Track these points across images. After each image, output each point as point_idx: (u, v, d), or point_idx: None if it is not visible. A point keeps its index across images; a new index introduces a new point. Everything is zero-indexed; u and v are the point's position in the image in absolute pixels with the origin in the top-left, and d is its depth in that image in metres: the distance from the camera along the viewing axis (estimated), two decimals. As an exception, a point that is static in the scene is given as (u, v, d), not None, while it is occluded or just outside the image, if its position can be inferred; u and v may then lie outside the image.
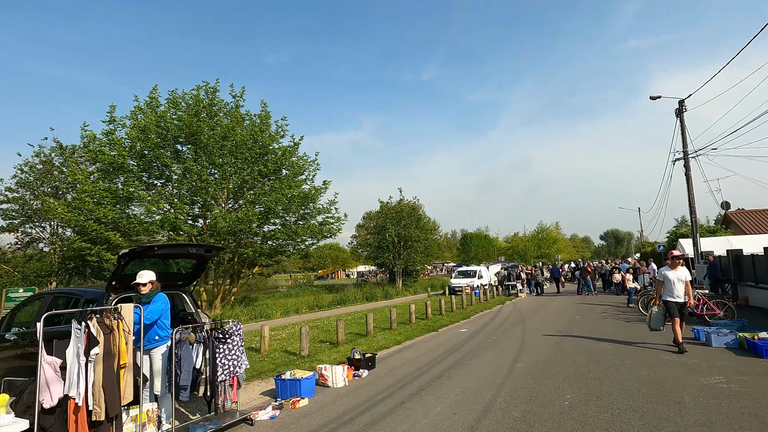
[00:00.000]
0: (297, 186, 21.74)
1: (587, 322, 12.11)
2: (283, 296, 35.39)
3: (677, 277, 8.03)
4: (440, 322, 13.54)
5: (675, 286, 7.99)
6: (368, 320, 10.92)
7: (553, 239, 70.00)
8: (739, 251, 15.94)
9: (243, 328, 5.59)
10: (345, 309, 21.01)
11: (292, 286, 60.45)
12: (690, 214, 20.20)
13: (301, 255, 23.03)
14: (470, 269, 28.45)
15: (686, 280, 8.04)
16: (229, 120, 20.55)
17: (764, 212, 31.79)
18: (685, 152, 20.22)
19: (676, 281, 8.00)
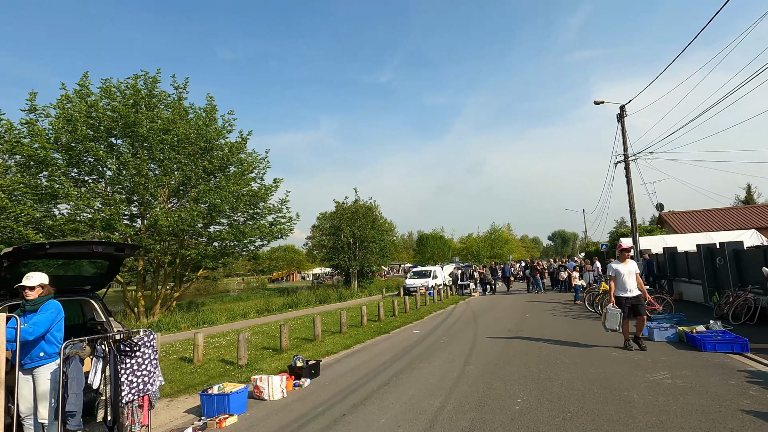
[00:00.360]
0: (245, 184, 20.66)
1: (537, 320, 12.19)
2: (233, 300, 33.77)
3: (628, 270, 7.80)
4: (393, 323, 13.17)
5: (626, 280, 7.74)
6: (316, 324, 10.31)
7: (505, 240, 72.27)
8: (674, 249, 16.88)
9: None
10: (296, 312, 20.18)
11: (244, 289, 58.16)
12: (630, 214, 21.18)
13: (249, 257, 21.89)
14: (425, 269, 28.45)
15: (636, 272, 7.86)
16: (171, 112, 19.14)
17: (693, 213, 34.30)
18: (626, 155, 21.19)
19: (627, 275, 7.77)
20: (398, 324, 13.08)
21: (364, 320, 12.71)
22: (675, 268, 16.35)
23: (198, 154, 19.59)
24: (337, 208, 36.97)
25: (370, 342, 10.27)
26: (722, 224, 30.36)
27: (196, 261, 19.75)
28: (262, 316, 20.01)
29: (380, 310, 13.94)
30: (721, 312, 10.45)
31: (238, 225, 20.23)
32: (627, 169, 21.21)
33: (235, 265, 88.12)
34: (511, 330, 10.38)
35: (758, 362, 6.21)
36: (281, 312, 21.19)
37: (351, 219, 35.80)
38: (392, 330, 12.01)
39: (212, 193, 18.42)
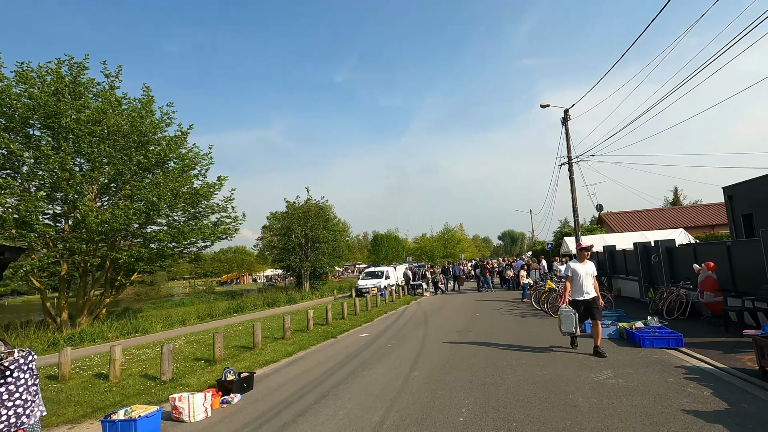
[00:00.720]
0: (186, 181, 19.28)
1: (486, 319, 12.16)
2: (175, 305, 31.71)
3: (586, 271, 7.20)
4: (341, 327, 12.66)
5: (583, 282, 7.15)
6: (255, 331, 9.58)
7: (458, 239, 73.75)
8: (612, 247, 17.66)
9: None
10: (241, 317, 19.10)
11: (189, 293, 55.11)
12: (573, 214, 22.01)
13: (190, 259, 20.45)
14: (377, 270, 28.13)
15: (593, 274, 7.34)
16: (101, 102, 17.43)
17: (629, 213, 36.57)
18: (569, 157, 21.99)
19: (585, 276, 7.16)
20: (347, 327, 12.58)
21: (310, 324, 12.09)
22: (614, 266, 17.10)
23: (132, 148, 18.02)
24: (288, 207, 35.84)
25: (315, 348, 9.71)
26: (654, 224, 32.58)
27: (129, 264, 18.12)
28: (203, 322, 18.75)
29: (328, 314, 13.38)
30: (656, 307, 10.89)
31: (177, 225, 18.84)
32: (570, 171, 22.02)
33: (181, 268, 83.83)
34: (460, 331, 10.21)
35: (692, 357, 6.35)
36: (225, 317, 20.01)
37: (302, 219, 34.82)
38: (340, 334, 11.50)
39: (148, 190, 16.98)
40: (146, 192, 16.61)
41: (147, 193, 16.62)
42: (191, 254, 20.59)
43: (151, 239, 18.08)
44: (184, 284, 77.03)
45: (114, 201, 17.60)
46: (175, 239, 18.15)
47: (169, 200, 17.85)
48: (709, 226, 32.41)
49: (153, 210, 17.09)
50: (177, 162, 20.05)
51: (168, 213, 19.04)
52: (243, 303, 23.02)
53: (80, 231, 16.23)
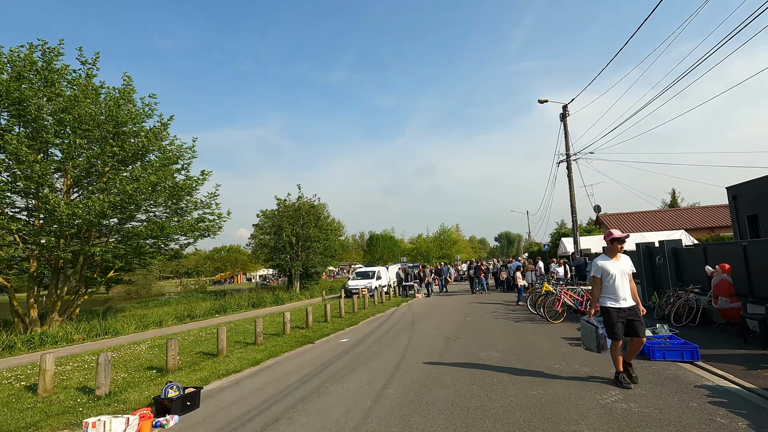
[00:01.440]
0: (166, 174, 18.24)
1: (478, 323, 11.25)
2: (161, 305, 30.66)
3: (621, 269, 5.28)
4: (322, 330, 11.71)
5: (618, 284, 5.22)
6: (220, 336, 8.61)
7: (454, 240, 73.01)
8: (613, 248, 16.78)
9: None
10: (221, 319, 18.12)
11: (180, 292, 54.00)
12: (571, 213, 21.15)
13: (169, 255, 19.41)
14: (369, 270, 27.19)
15: (630, 272, 5.40)
16: (75, 90, 16.41)
17: (627, 215, 35.84)
18: (568, 154, 21.16)
19: (620, 276, 5.24)
20: (328, 331, 11.64)
21: (287, 328, 11.13)
22: (614, 268, 16.23)
23: (107, 139, 17.03)
24: (279, 205, 34.87)
25: (287, 355, 8.75)
26: (654, 225, 31.83)
27: (105, 261, 17.09)
28: (181, 323, 17.77)
29: (309, 316, 12.41)
30: (662, 313, 10.01)
31: (156, 220, 17.84)
32: (569, 168, 21.19)
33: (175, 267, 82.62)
34: (448, 338, 9.28)
35: (712, 373, 5.46)
36: (205, 318, 19.02)
37: (294, 217, 33.87)
38: (319, 339, 10.55)
39: (126, 182, 15.95)
40: (122, 184, 15.59)
41: (123, 185, 15.61)
42: (171, 251, 19.56)
43: (129, 235, 17.04)
44: (176, 283, 75.99)
45: (87, 194, 16.56)
46: (154, 235, 17.12)
47: (147, 194, 16.87)
48: (710, 228, 31.69)
49: (130, 203, 16.07)
50: (158, 155, 19.09)
51: (147, 208, 18.03)
52: (226, 303, 22.00)
53: (50, 225, 15.19)
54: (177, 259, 20.15)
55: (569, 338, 8.41)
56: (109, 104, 17.30)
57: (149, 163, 18.17)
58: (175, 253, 19.57)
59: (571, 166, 21.13)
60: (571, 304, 10.81)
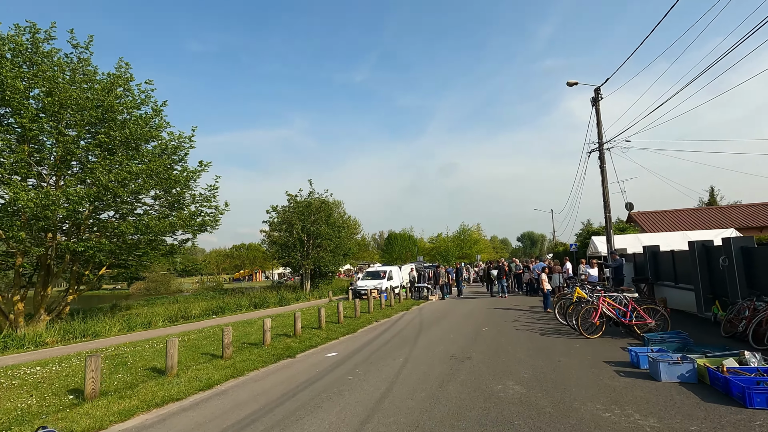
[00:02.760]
0: (156, 164, 16.91)
1: (494, 337, 9.31)
2: (170, 303, 29.74)
3: None
4: (311, 340, 10.01)
5: None
6: (169, 350, 6.97)
7: (474, 240, 70.45)
8: (656, 248, 14.47)
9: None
10: (215, 320, 16.67)
11: (198, 290, 53.63)
12: (604, 209, 18.87)
13: (163, 252, 18.08)
14: (380, 270, 25.38)
15: None
16: (57, 71, 15.24)
17: (662, 213, 32.93)
18: (601, 142, 18.92)
19: None
20: (318, 341, 9.93)
21: (267, 337, 9.45)
22: (657, 270, 13.94)
23: (93, 125, 15.84)
24: (290, 201, 33.48)
25: (253, 375, 7.07)
26: (693, 224, 28.92)
27: (90, 257, 15.87)
28: (173, 324, 16.43)
29: (297, 323, 10.71)
30: (732, 330, 7.87)
31: (141, 215, 16.58)
32: (601, 159, 18.95)
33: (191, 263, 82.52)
34: (455, 357, 7.40)
35: None
36: (199, 319, 17.62)
37: (304, 213, 32.42)
38: (303, 352, 8.85)
39: (97, 173, 14.61)
40: (99, 174, 14.30)
41: (97, 175, 14.32)
42: (165, 247, 18.25)
43: (114, 231, 15.78)
44: (194, 280, 76.17)
45: (70, 184, 15.36)
46: (139, 230, 15.80)
47: (132, 186, 15.60)
48: (759, 227, 28.55)
49: (108, 195, 14.80)
50: (152, 144, 17.85)
51: (132, 200, 16.78)
52: (225, 303, 20.58)
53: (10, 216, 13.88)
54: (171, 255, 18.81)
55: (614, 363, 6.43)
56: (96, 88, 16.09)
57: (139, 152, 16.90)
58: (170, 250, 18.23)
59: (604, 156, 18.86)
60: (612, 316, 8.75)
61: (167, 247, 18.44)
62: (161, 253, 18.18)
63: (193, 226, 18.60)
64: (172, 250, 18.13)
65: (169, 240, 19.21)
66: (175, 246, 18.27)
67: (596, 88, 19.25)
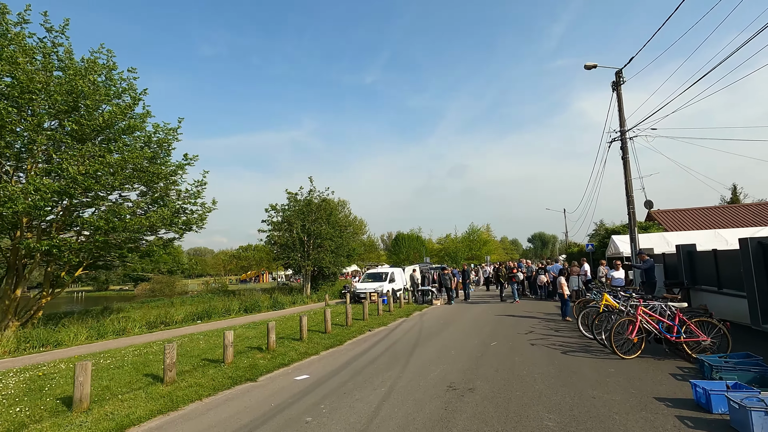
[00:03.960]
0: (135, 156, 15.49)
1: (504, 356, 7.58)
2: (165, 306, 28.37)
3: None
4: (287, 355, 8.40)
5: None
6: (78, 378, 5.37)
7: (484, 240, 68.36)
8: (691, 247, 12.55)
9: None
10: (200, 327, 15.14)
11: (203, 291, 52.60)
12: (627, 204, 16.99)
13: (141, 253, 16.66)
14: (382, 272, 23.71)
15: None
16: (19, 54, 13.91)
17: (684, 211, 30.82)
18: (623, 131, 17.06)
19: None
20: (292, 357, 8.31)
21: (227, 354, 7.83)
22: (694, 273, 12.04)
23: (64, 113, 14.49)
24: (290, 199, 31.98)
25: (192, 408, 5.46)
26: (719, 222, 26.73)
27: (58, 257, 14.49)
28: (150, 331, 14.95)
29: (270, 335, 9.09)
30: (818, 351, 6.04)
31: (114, 206, 15.14)
32: (624, 149, 17.09)
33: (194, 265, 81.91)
34: (453, 386, 5.71)
35: None
36: (181, 326, 16.13)
37: (304, 212, 30.91)
38: (269, 372, 7.25)
39: (74, 162, 13.28)
40: (66, 165, 12.91)
41: (68, 166, 12.93)
42: (146, 246, 16.80)
43: (81, 225, 14.36)
44: (200, 282, 75.29)
45: (33, 177, 14.00)
46: (112, 227, 14.35)
47: (109, 180, 14.22)
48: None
49: (77, 189, 13.38)
50: (135, 135, 16.50)
51: (105, 196, 15.40)
52: (212, 308, 19.07)
53: None
54: (149, 256, 17.36)
55: (670, 401, 4.68)
56: (69, 73, 14.73)
57: (117, 144, 15.51)
58: (148, 250, 16.75)
59: (627, 145, 17.00)
60: (654, 331, 6.98)
61: (147, 246, 17.00)
62: (139, 254, 16.74)
63: (178, 225, 17.17)
64: (150, 250, 16.64)
65: (150, 238, 17.86)
66: (153, 246, 16.79)
67: (617, 71, 17.41)
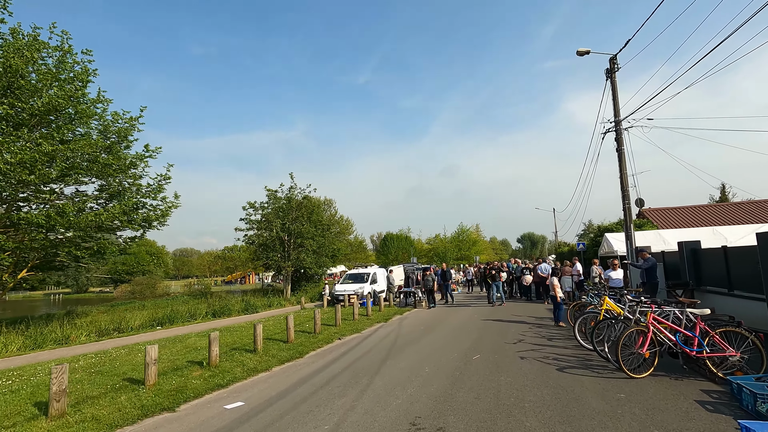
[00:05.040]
0: (81, 144, 13.86)
1: (490, 372, 6.26)
2: (134, 309, 26.60)
3: None
4: (229, 374, 6.98)
5: None
6: None
7: (473, 240, 67.40)
8: (695, 244, 11.38)
9: None
10: (155, 334, 13.55)
11: (185, 293, 50.68)
12: (622, 199, 15.86)
13: (91, 252, 14.99)
14: (363, 272, 22.29)
15: None
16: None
17: (675, 210, 30.04)
18: (617, 120, 15.96)
19: None
20: (234, 376, 6.89)
21: (149, 374, 6.36)
22: (700, 273, 10.88)
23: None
24: (269, 196, 30.42)
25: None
26: (711, 221, 25.88)
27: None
28: (99, 340, 13.34)
29: (212, 347, 7.62)
30: None
31: (59, 204, 13.55)
32: (618, 140, 16.00)
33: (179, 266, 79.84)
34: (418, 424, 4.34)
35: None
36: (137, 332, 14.53)
37: (285, 210, 29.42)
38: (198, 398, 5.83)
39: (8, 152, 11.68)
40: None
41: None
42: (97, 245, 15.15)
43: (17, 221, 12.72)
44: (183, 284, 73.15)
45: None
46: (52, 225, 12.75)
47: (51, 171, 12.65)
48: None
49: (5, 182, 11.78)
50: (84, 125, 14.93)
51: (49, 189, 13.79)
52: (175, 313, 17.42)
53: None
54: (101, 256, 15.71)
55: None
56: (3, 48, 13.13)
57: (60, 130, 13.90)
58: (98, 249, 15.09)
59: (622, 136, 15.90)
60: (669, 342, 5.72)
61: (98, 244, 15.34)
62: (89, 253, 15.10)
63: (137, 221, 15.63)
64: (101, 248, 15.02)
65: (109, 236, 16.26)
66: (105, 244, 15.18)
67: (611, 57, 16.34)
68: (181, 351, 9.25)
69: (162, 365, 7.63)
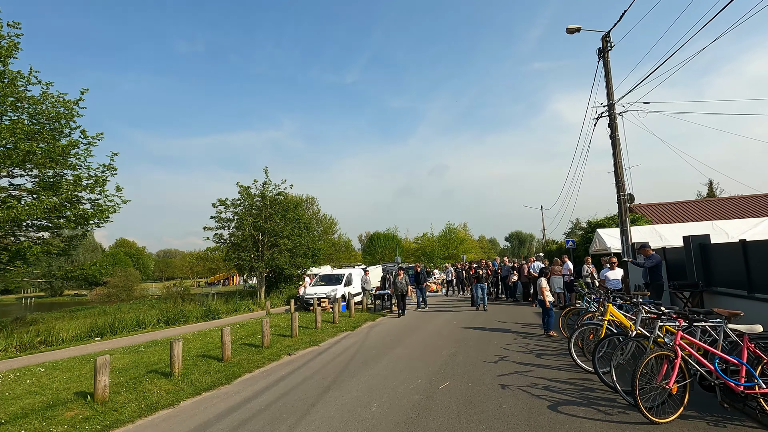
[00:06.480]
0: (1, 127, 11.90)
1: (459, 408, 4.59)
2: (98, 314, 24.42)
3: None
4: (118, 412, 5.22)
5: None
6: None
7: (461, 239, 66.12)
8: (704, 238, 9.87)
9: None
10: (86, 348, 11.63)
11: (163, 295, 48.27)
12: (617, 191, 14.50)
13: (10, 255, 12.87)
14: (336, 273, 20.55)
15: None
16: None
17: (667, 205, 28.99)
18: (611, 104, 14.54)
19: None
20: (126, 415, 5.14)
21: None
22: (709, 273, 9.38)
23: None
24: (242, 193, 28.40)
25: None
26: (704, 216, 24.77)
27: None
28: (18, 355, 11.36)
29: (98, 376, 5.79)
30: None
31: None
32: (612, 126, 14.63)
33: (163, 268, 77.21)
34: None
35: None
36: (66, 346, 12.50)
37: (258, 207, 27.51)
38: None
39: None
40: None
41: None
42: (12, 246, 13.08)
43: None
44: (161, 286, 70.51)
45: None
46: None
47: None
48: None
49: None
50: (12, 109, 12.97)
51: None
52: (119, 321, 15.38)
53: None
54: (22, 258, 13.62)
55: None
56: None
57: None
58: (17, 251, 13.02)
59: (616, 122, 14.53)
60: (703, 371, 4.12)
61: (17, 245, 13.32)
62: (9, 255, 13.06)
63: (70, 218, 13.66)
64: (19, 251, 12.97)
65: (38, 235, 14.27)
66: (25, 245, 13.17)
67: (604, 35, 15.00)
68: (76, 378, 7.34)
69: (33, 400, 5.82)
